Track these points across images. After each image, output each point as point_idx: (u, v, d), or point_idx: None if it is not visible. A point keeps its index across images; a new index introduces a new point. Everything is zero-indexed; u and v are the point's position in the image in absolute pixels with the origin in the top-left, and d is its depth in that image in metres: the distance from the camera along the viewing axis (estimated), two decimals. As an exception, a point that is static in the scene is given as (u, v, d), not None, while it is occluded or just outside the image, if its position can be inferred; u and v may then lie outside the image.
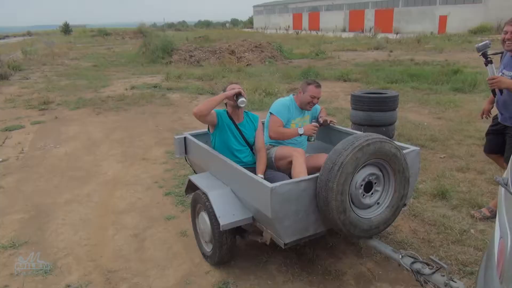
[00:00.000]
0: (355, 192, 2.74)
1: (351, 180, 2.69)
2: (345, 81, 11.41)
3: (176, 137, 3.87)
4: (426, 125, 6.77)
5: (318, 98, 3.65)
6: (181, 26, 60.92)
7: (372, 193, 2.84)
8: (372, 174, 2.79)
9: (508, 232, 1.68)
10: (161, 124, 7.34)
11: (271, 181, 3.14)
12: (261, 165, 3.41)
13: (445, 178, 4.66)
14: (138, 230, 3.85)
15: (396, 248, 3.38)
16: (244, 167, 3.11)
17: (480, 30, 30.47)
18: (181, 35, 24.89)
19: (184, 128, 6.93)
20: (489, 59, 3.40)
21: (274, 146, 3.70)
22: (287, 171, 3.42)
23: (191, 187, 3.53)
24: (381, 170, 2.85)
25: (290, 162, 3.36)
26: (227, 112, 3.49)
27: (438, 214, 3.87)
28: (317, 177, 2.72)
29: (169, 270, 3.22)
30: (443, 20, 39.81)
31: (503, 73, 3.45)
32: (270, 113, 3.68)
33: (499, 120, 3.71)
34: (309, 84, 3.64)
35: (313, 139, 3.68)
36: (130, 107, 8.61)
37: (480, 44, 3.42)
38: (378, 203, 2.88)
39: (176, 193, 4.57)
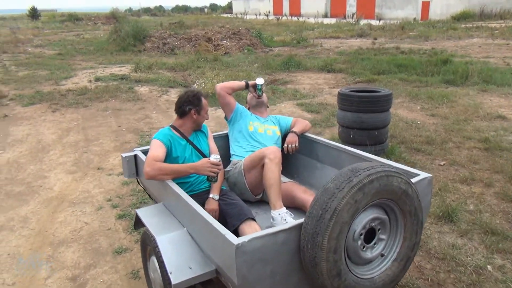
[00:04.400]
0: (352, 244, 2.02)
1: (348, 231, 1.97)
2: (328, 71, 10.64)
3: (124, 155, 3.10)
4: (420, 124, 6.10)
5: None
6: (157, 11, 58.80)
7: (375, 243, 2.13)
8: (375, 218, 2.07)
9: None
10: (124, 124, 6.48)
11: (227, 214, 2.62)
12: (217, 182, 2.77)
13: (449, 193, 4.01)
14: (78, 270, 3.08)
15: (399, 295, 2.72)
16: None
17: (463, 17, 29.93)
18: (156, 20, 23.50)
19: (149, 129, 6.11)
20: None
21: (241, 159, 3.10)
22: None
23: (141, 222, 2.79)
24: (386, 213, 2.14)
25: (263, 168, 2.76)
26: (174, 128, 2.86)
27: (446, 244, 3.22)
28: (301, 225, 1.99)
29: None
30: (426, 6, 39.16)
31: None
32: None
33: None
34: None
35: (261, 93, 3.35)
36: (91, 103, 7.70)
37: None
38: (382, 255, 2.17)
39: (132, 216, 3.79)
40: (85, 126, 6.40)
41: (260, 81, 3.31)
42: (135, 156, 3.11)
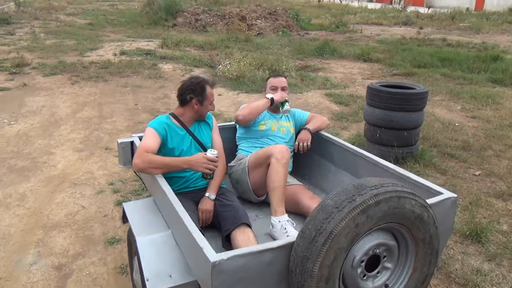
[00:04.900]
0: (350, 272, 1.72)
1: (345, 258, 1.66)
2: (365, 61, 10.04)
3: (120, 141, 2.88)
4: (458, 126, 5.58)
5: (282, 88, 3.01)
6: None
7: (378, 272, 1.80)
8: (381, 244, 1.75)
9: None
10: (141, 102, 6.28)
11: (221, 216, 2.36)
12: (216, 178, 2.52)
13: (481, 208, 3.58)
14: (65, 259, 2.91)
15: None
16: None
17: (523, 8, 27.85)
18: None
19: (166, 109, 5.88)
20: None
21: (247, 155, 2.81)
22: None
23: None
24: (395, 238, 1.81)
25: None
26: (174, 116, 2.60)
27: (470, 268, 2.84)
28: (292, 244, 1.70)
29: None
30: (481, -5, 36.80)
31: None
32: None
33: None
34: (268, 78, 3.14)
35: (287, 106, 2.95)
36: (112, 78, 7.52)
37: None
38: (386, 286, 1.84)
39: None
40: (102, 101, 6.24)
41: (285, 111, 2.96)
42: (132, 143, 2.88)
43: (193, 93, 2.53)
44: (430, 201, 1.99)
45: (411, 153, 4.42)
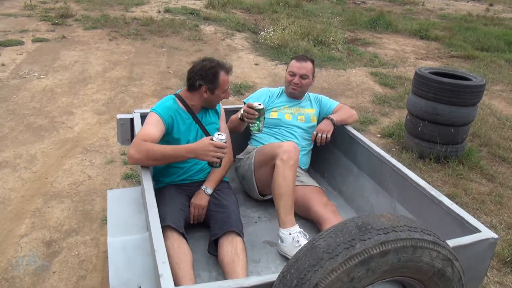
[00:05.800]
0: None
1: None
2: (421, 38, 9.17)
3: (119, 117, 2.60)
4: (516, 124, 4.91)
5: (301, 76, 2.58)
6: None
7: (377, 330, 1.44)
8: (385, 299, 1.38)
9: None
10: (174, 66, 6.00)
11: (211, 217, 2.12)
12: (217, 172, 2.23)
13: (528, 230, 3.06)
14: (57, 234, 2.76)
15: None
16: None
17: None
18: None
19: (197, 76, 5.58)
20: None
21: (258, 147, 2.48)
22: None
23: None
24: (405, 291, 1.43)
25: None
26: (180, 99, 2.24)
27: (505, 304, 2.41)
28: (271, 285, 1.38)
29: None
30: None
31: None
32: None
33: None
34: (292, 58, 2.69)
35: (257, 128, 2.33)
36: (150, 36, 7.27)
37: None
38: None
39: (139, 178, 3.37)
40: (135, 61, 6.02)
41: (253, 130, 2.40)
42: (132, 120, 2.60)
43: (202, 80, 2.15)
44: (463, 240, 1.59)
45: (455, 153, 3.90)
